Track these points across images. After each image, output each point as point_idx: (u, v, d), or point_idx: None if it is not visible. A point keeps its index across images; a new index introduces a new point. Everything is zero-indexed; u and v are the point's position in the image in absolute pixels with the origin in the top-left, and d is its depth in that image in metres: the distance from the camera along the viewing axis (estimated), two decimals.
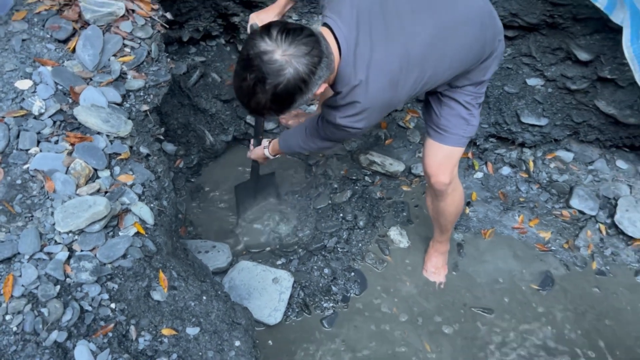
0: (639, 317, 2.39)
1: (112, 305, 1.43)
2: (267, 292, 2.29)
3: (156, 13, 1.98)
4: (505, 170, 2.84)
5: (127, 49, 1.87)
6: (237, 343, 1.62)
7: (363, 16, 1.49)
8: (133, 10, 1.93)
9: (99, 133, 1.67)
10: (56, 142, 1.62)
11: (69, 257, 1.44)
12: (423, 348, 2.23)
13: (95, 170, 1.61)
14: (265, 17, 1.88)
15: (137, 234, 1.56)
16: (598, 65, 2.46)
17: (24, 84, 1.68)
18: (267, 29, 1.34)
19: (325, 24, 1.50)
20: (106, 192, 1.58)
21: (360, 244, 2.54)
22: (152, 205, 1.65)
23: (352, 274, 2.43)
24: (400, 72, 1.54)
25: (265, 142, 2.22)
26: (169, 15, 2.02)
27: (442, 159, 1.95)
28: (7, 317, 1.31)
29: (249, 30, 1.96)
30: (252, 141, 2.32)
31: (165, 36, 2.62)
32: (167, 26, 2.01)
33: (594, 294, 2.46)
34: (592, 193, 2.72)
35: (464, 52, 1.67)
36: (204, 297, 1.63)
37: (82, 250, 1.46)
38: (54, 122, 1.66)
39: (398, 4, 1.54)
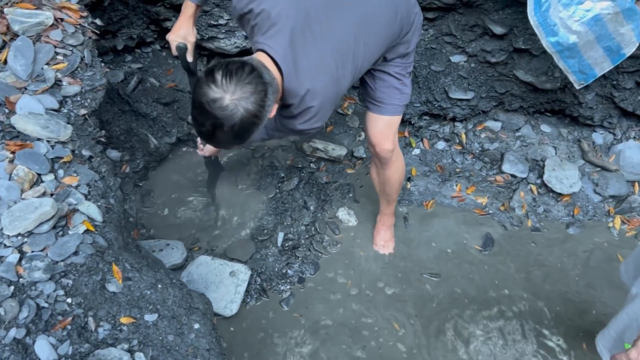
0: (569, 268, 2.59)
1: (69, 300, 1.48)
2: (224, 285, 2.36)
3: (85, 20, 2.02)
4: (441, 145, 3.01)
5: (60, 57, 1.90)
6: (196, 326, 1.69)
7: (294, 33, 1.61)
8: (62, 19, 1.96)
9: (39, 139, 1.71)
10: None
11: (20, 259, 1.47)
12: (381, 316, 2.35)
13: (39, 174, 1.65)
14: (184, 33, 1.95)
15: (87, 231, 1.61)
16: (512, 37, 2.66)
17: None
18: (211, 74, 1.43)
19: (261, 50, 1.60)
20: (52, 195, 1.62)
21: (312, 227, 2.65)
22: (99, 203, 1.70)
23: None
24: (337, 69, 1.69)
25: None
26: (98, 22, 2.06)
27: (383, 128, 2.10)
28: None
29: (175, 52, 1.99)
30: (199, 139, 2.36)
31: (100, 46, 2.66)
32: (98, 32, 2.05)
33: (531, 249, 2.65)
34: (522, 157, 2.92)
35: (384, 33, 1.81)
36: (159, 286, 1.69)
37: (32, 251, 1.50)
38: None
39: (318, 12, 1.66)
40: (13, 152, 1.65)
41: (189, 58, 2.01)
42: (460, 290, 2.47)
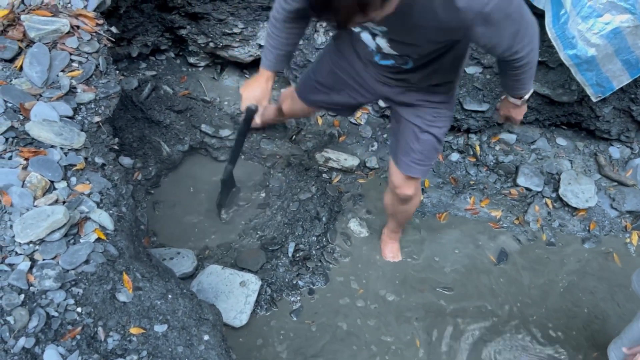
0: (586, 284, 2.55)
1: (79, 309, 1.47)
2: (234, 295, 2.33)
3: (101, 28, 2.02)
4: (455, 157, 2.98)
5: (75, 64, 1.91)
6: (206, 337, 1.67)
7: None
8: (78, 27, 1.97)
9: (52, 146, 1.71)
10: (10, 158, 1.64)
11: (31, 267, 1.47)
12: (395, 330, 2.32)
13: (52, 182, 1.64)
14: (260, 96, 1.90)
15: (98, 239, 1.60)
16: None
17: None
18: None
19: None
20: (64, 202, 1.61)
21: (323, 238, 2.62)
22: (111, 211, 1.69)
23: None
24: None
25: None
26: (114, 29, 2.07)
27: (408, 179, 2.03)
28: None
29: (244, 110, 1.95)
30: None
31: (114, 53, 2.66)
32: (114, 40, 2.05)
33: (546, 265, 2.61)
34: (537, 170, 2.88)
35: None
36: (170, 296, 1.68)
37: (44, 259, 1.49)
38: (6, 139, 1.68)
39: None
40: (27, 159, 1.65)
41: (257, 120, 1.99)
42: (474, 304, 2.43)
